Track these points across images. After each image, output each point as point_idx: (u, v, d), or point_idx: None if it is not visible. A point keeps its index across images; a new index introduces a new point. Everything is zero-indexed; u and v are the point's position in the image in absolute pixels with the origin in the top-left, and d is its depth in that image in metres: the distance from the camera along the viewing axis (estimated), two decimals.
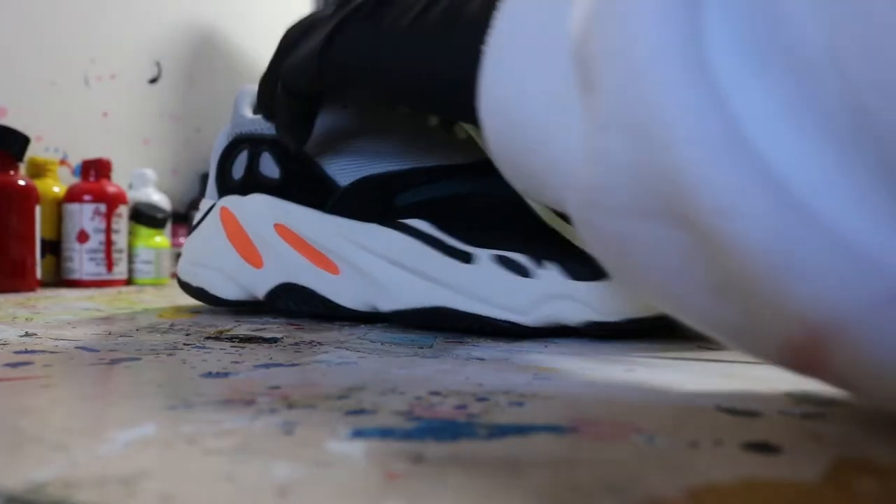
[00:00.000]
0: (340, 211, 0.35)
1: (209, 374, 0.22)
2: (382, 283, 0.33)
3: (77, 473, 0.13)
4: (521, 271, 0.30)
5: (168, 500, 0.11)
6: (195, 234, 0.41)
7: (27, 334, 0.31)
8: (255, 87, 0.41)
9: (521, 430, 0.16)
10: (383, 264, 0.33)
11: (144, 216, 0.75)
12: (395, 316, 0.33)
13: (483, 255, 0.31)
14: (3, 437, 0.15)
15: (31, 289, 0.62)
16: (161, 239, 0.77)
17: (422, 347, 0.28)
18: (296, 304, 0.36)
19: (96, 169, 0.72)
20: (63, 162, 0.83)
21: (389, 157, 0.35)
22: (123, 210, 0.72)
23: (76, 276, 0.69)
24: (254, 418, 0.16)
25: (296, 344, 0.29)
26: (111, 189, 0.71)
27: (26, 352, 0.26)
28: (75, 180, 0.77)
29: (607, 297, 0.28)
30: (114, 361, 0.24)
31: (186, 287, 0.41)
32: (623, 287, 0.18)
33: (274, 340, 0.30)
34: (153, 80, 0.98)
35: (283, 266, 0.36)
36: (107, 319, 0.38)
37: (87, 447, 0.14)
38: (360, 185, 0.35)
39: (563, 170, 0.18)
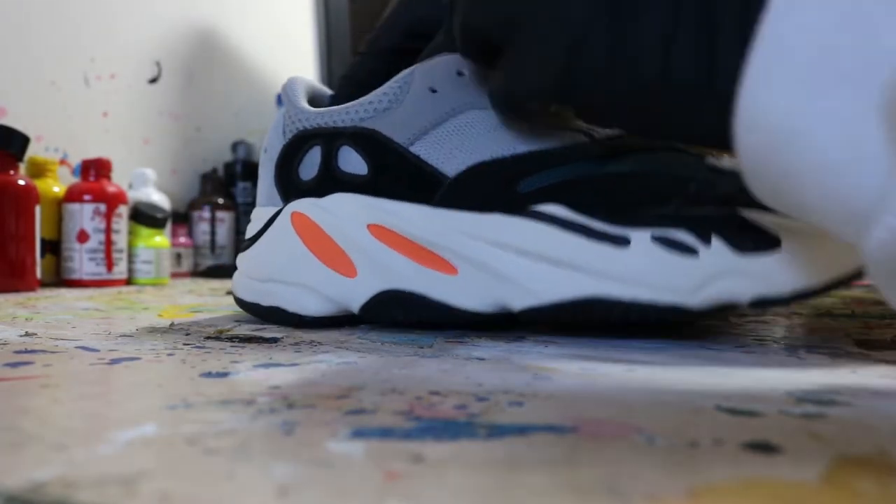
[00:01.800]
0: (453, 203, 0.31)
1: (209, 374, 0.22)
2: (514, 278, 0.29)
3: (77, 473, 0.13)
4: (687, 250, 0.27)
5: (168, 500, 0.11)
6: (256, 247, 0.36)
7: (27, 334, 0.31)
8: (305, 78, 0.38)
9: (521, 430, 0.16)
10: (513, 257, 0.29)
11: (144, 216, 0.75)
12: (534, 313, 0.29)
13: (640, 236, 0.27)
14: (3, 437, 0.15)
15: (31, 289, 0.62)
16: (161, 239, 0.77)
17: (422, 347, 0.28)
18: (404, 314, 0.32)
19: (96, 169, 0.72)
20: (63, 162, 0.83)
21: (495, 141, 0.31)
22: (123, 210, 0.72)
23: (76, 276, 0.70)
24: (254, 418, 0.16)
25: (296, 344, 0.29)
26: (111, 189, 0.72)
27: (26, 352, 0.26)
28: (75, 180, 0.77)
29: (776, 269, 0.26)
30: (114, 361, 0.24)
31: (254, 308, 0.36)
32: None
33: (274, 340, 0.30)
34: (153, 80, 0.98)
35: (382, 272, 0.32)
36: (107, 319, 0.38)
37: (87, 447, 0.14)
38: (474, 173, 0.31)
39: (856, 207, 0.18)
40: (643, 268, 0.27)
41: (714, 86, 0.21)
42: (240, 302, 0.37)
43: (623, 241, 0.28)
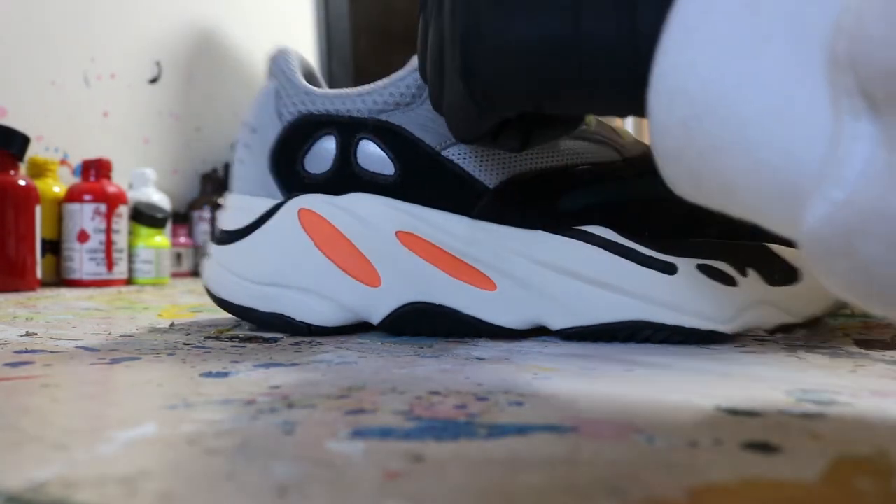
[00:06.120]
0: (494, 216, 0.30)
1: (209, 374, 0.22)
2: (558, 298, 0.29)
3: (77, 473, 0.13)
4: (727, 280, 0.28)
5: (168, 500, 0.11)
6: (249, 243, 0.32)
7: (27, 334, 0.31)
8: (296, 50, 0.34)
9: (521, 429, 0.16)
10: (559, 277, 0.29)
11: (144, 216, 0.75)
12: (572, 332, 0.29)
13: (686, 264, 0.28)
14: (3, 437, 0.15)
15: (31, 288, 0.62)
16: (161, 239, 0.77)
17: (422, 347, 0.28)
18: (431, 327, 0.31)
19: (96, 169, 0.72)
20: (63, 162, 0.83)
21: (532, 151, 0.30)
22: (123, 210, 0.72)
23: (76, 276, 0.70)
24: (254, 418, 0.16)
25: (296, 344, 0.29)
26: (111, 189, 0.72)
27: (26, 351, 0.26)
28: (75, 180, 0.77)
29: (796, 299, 0.29)
30: (114, 361, 0.24)
31: (249, 313, 0.32)
32: (882, 310, 0.16)
33: (274, 340, 0.30)
34: (153, 80, 0.98)
35: (411, 283, 0.30)
36: (107, 319, 0.38)
37: (87, 447, 0.14)
38: (514, 185, 0.30)
39: (793, 181, 0.15)
40: (688, 295, 0.28)
41: (636, 48, 0.19)
42: (224, 303, 0.33)
43: (671, 269, 0.28)
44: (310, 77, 0.36)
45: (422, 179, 0.30)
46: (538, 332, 0.31)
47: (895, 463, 0.14)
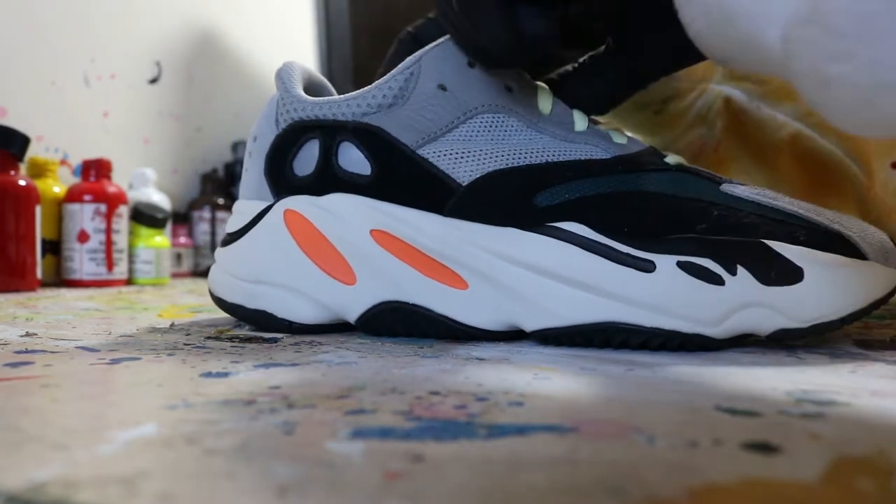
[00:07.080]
0: (465, 214, 0.29)
1: (209, 374, 0.22)
2: (530, 297, 0.28)
3: (77, 473, 0.13)
4: (713, 279, 0.26)
5: (168, 500, 0.11)
6: (241, 243, 0.34)
7: (27, 334, 0.31)
8: (301, 64, 0.35)
9: (521, 430, 0.16)
10: (530, 276, 0.28)
11: (144, 216, 0.75)
12: (548, 334, 0.28)
13: (665, 262, 0.27)
14: (3, 437, 0.15)
15: (31, 289, 0.62)
16: (161, 239, 0.77)
17: (422, 347, 0.28)
18: (404, 327, 0.30)
19: (96, 169, 0.72)
20: (63, 162, 0.83)
21: (509, 148, 0.30)
22: (123, 210, 0.73)
23: (76, 276, 0.70)
24: (254, 418, 0.16)
25: (296, 344, 0.29)
26: (111, 189, 0.72)
27: (26, 352, 0.26)
28: (75, 180, 0.77)
29: (797, 301, 0.26)
30: (114, 361, 0.24)
31: (237, 310, 0.33)
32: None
33: (274, 340, 0.30)
34: (153, 80, 0.98)
35: (384, 281, 0.30)
36: (107, 319, 0.38)
37: (87, 447, 0.14)
38: (488, 182, 0.29)
39: None
40: (668, 295, 0.27)
41: None
42: (219, 301, 0.34)
43: (648, 267, 0.27)
44: (318, 87, 0.36)
45: (397, 178, 0.30)
46: (516, 336, 0.30)
47: (895, 463, 0.14)
